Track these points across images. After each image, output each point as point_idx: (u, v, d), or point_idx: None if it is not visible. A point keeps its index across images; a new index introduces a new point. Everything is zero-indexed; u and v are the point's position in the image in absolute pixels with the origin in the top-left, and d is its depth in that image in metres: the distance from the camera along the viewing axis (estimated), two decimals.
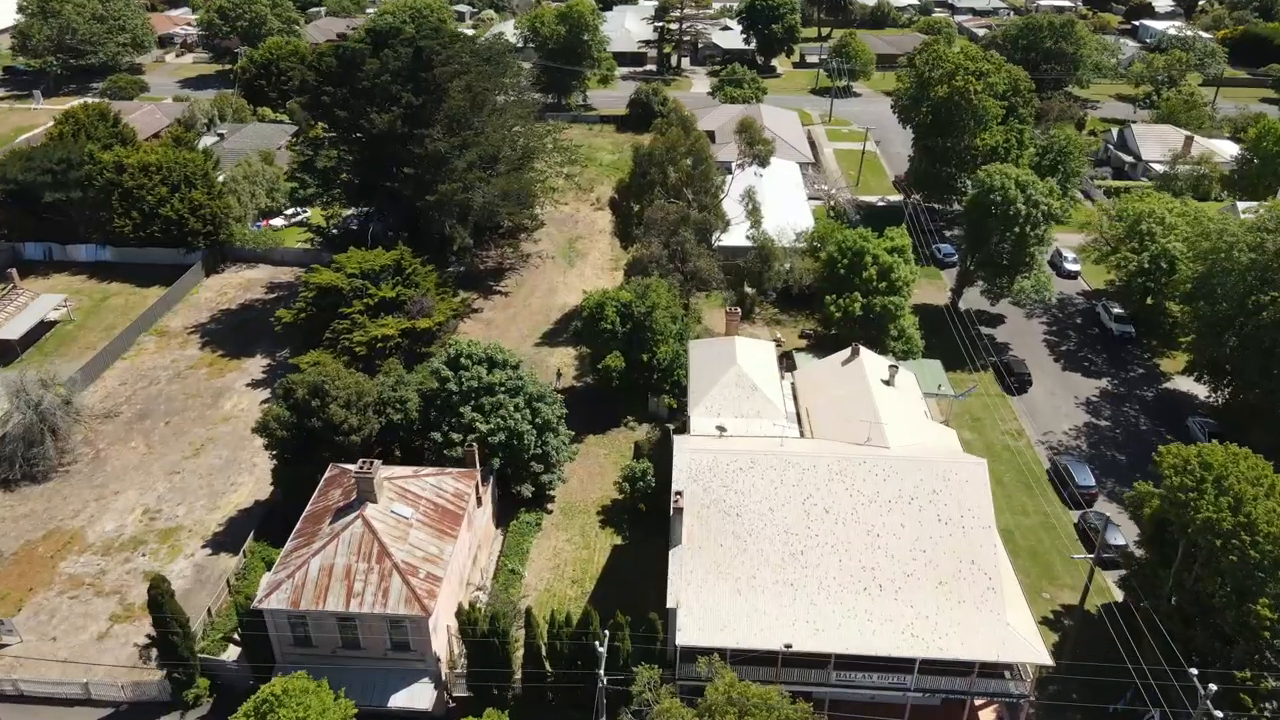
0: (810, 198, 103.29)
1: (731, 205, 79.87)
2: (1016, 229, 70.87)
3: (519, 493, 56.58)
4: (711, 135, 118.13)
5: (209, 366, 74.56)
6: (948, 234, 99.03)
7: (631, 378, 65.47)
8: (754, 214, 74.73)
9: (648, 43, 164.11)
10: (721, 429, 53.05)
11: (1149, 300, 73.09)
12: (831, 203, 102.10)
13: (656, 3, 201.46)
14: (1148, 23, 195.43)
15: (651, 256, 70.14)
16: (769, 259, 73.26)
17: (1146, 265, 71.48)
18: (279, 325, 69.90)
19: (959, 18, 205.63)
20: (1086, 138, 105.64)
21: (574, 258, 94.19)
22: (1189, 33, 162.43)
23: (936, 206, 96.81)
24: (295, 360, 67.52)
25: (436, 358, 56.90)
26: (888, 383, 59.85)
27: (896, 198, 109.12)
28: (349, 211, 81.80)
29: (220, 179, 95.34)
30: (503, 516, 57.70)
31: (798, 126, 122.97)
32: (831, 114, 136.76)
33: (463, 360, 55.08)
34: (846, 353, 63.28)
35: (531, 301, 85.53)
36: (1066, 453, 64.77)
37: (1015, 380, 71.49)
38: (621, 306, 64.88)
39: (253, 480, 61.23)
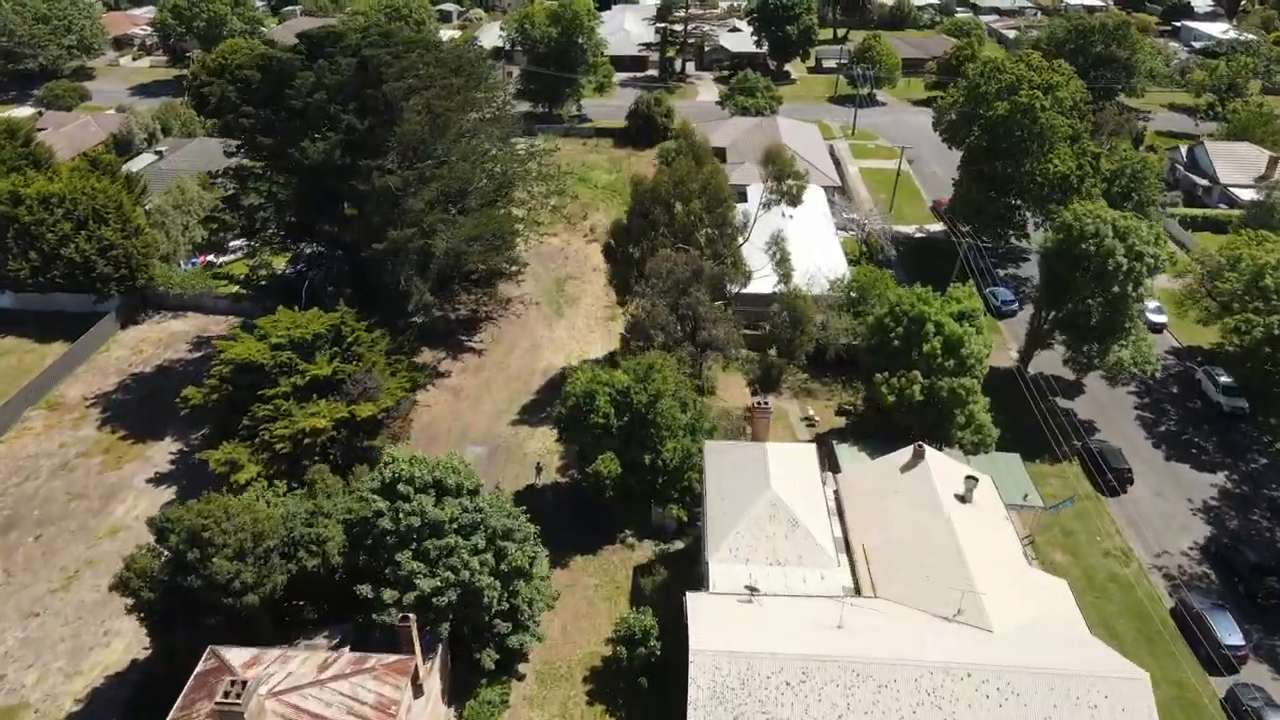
0: (838, 227, 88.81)
1: (751, 248, 65.51)
2: (1116, 288, 56.28)
3: (479, 661, 42.06)
4: (721, 153, 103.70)
5: (105, 454, 59.95)
6: (1002, 271, 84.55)
7: (630, 483, 50.95)
8: (783, 264, 60.10)
9: (649, 45, 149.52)
10: (753, 589, 38.61)
11: (1277, 371, 58.54)
12: (863, 235, 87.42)
13: (658, 1, 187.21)
14: (1190, 24, 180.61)
15: (655, 321, 55.58)
16: (801, 324, 58.65)
17: (1277, 332, 56.90)
18: (185, 408, 55.24)
19: (984, 18, 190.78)
20: (1150, 156, 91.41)
21: (562, 303, 79.60)
22: (1248, 36, 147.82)
23: (986, 241, 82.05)
24: (204, 456, 53.09)
25: (362, 483, 42.21)
26: (963, 499, 45.53)
27: (936, 227, 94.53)
28: (282, 261, 67.22)
29: (148, 207, 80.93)
30: (458, 690, 43.19)
31: (819, 142, 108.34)
32: (855, 126, 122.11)
33: (401, 487, 40.48)
34: (906, 455, 48.94)
35: (510, 362, 70.93)
36: (1194, 587, 50.16)
37: (1113, 476, 56.90)
38: (617, 394, 50.33)
39: (133, 628, 46.61)
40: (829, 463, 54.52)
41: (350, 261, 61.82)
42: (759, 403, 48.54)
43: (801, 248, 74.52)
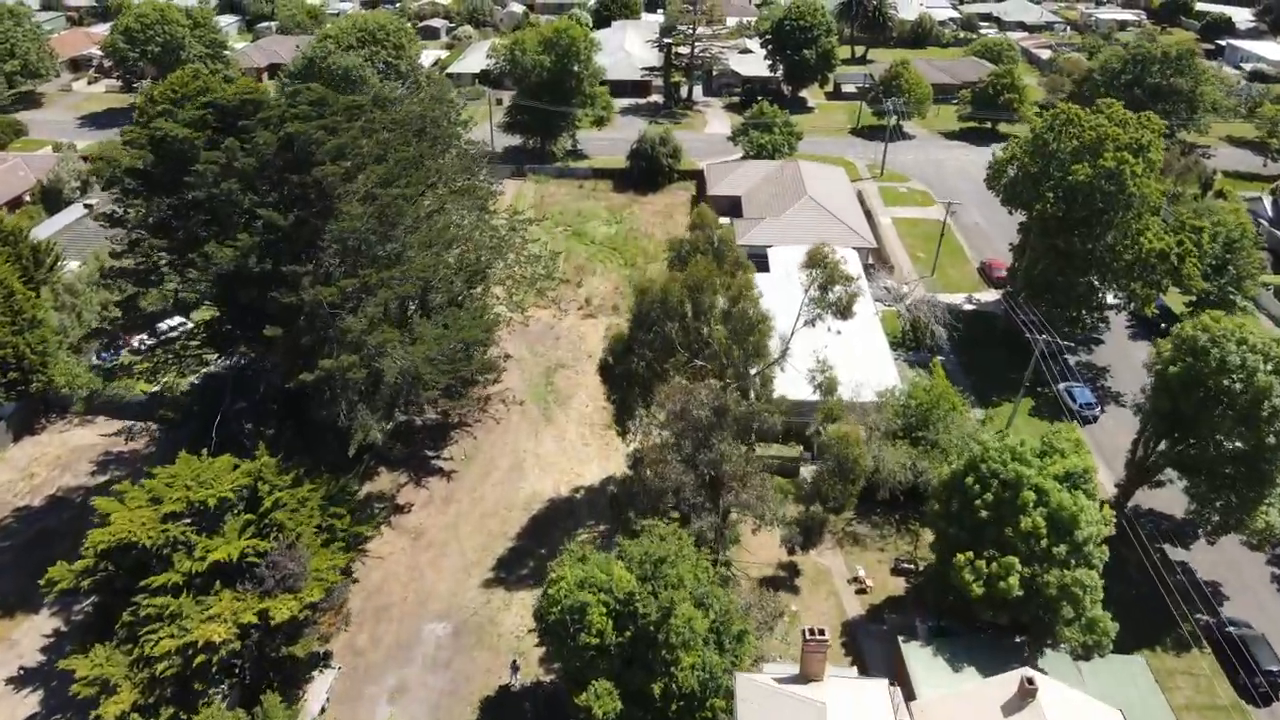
0: (874, 297, 75.71)
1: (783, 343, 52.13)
2: (1270, 437, 43.12)
3: None
4: (735, 203, 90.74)
5: None
6: (1072, 357, 71.40)
7: (635, 717, 37.82)
8: (829, 390, 46.75)
9: (652, 70, 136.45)
10: None
11: None
12: (906, 310, 74.18)
13: (662, 17, 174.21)
14: (1235, 43, 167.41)
15: (668, 482, 42.42)
16: (851, 473, 45.34)
17: None
18: (50, 593, 42.12)
19: (1011, 35, 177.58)
20: (1244, 218, 77.64)
21: (552, 402, 66.47)
22: None
23: (1061, 328, 68.81)
24: (67, 665, 40.12)
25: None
26: None
27: (988, 295, 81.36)
28: (187, 381, 54.02)
29: (61, 279, 68.03)
30: None
31: (847, 189, 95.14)
32: (884, 167, 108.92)
33: None
34: (1009, 687, 36.01)
35: (485, 491, 57.75)
36: None
37: (1264, 682, 43.70)
38: (617, 603, 37.21)
39: None
40: (896, 672, 41.44)
41: (277, 386, 48.61)
42: (811, 631, 35.30)
43: (838, 342, 61.86)
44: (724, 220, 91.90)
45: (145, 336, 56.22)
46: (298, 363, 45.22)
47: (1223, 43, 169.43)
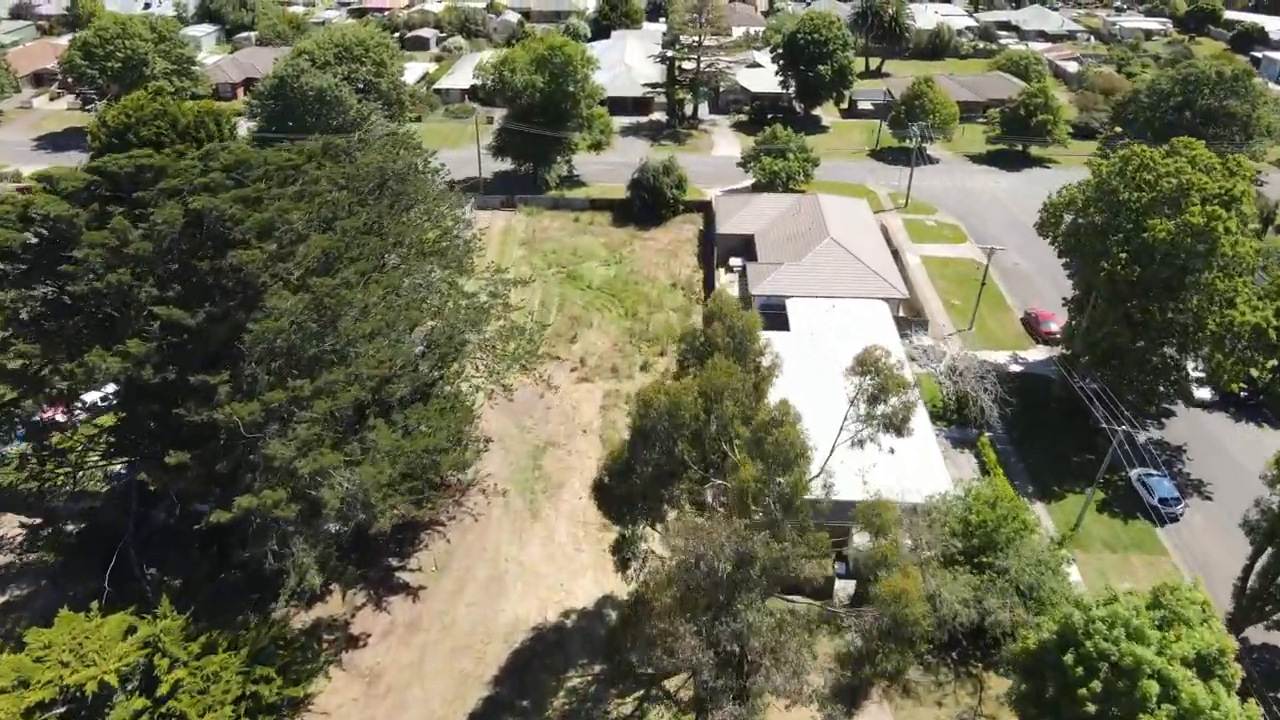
0: (908, 355, 66.37)
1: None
2: None
3: None
4: (748, 243, 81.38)
5: None
6: (1140, 431, 61.94)
7: None
8: (879, 530, 37.20)
9: (654, 86, 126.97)
10: None
11: None
12: (946, 376, 64.65)
13: (665, 27, 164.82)
14: (1272, 55, 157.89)
15: (677, 658, 33.01)
16: (910, 636, 35.91)
17: None
18: None
19: (1035, 46, 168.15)
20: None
21: (539, 493, 57.04)
22: None
23: (1131, 401, 59.35)
24: None
25: None
26: None
27: (1037, 354, 71.92)
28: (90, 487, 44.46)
29: None
30: None
31: (872, 226, 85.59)
32: (909, 197, 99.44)
33: None
34: None
35: (457, 613, 48.27)
36: None
37: None
38: None
39: None
40: None
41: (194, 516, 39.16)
42: None
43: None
44: (735, 262, 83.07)
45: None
46: (212, 492, 35.76)
47: (1258, 54, 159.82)
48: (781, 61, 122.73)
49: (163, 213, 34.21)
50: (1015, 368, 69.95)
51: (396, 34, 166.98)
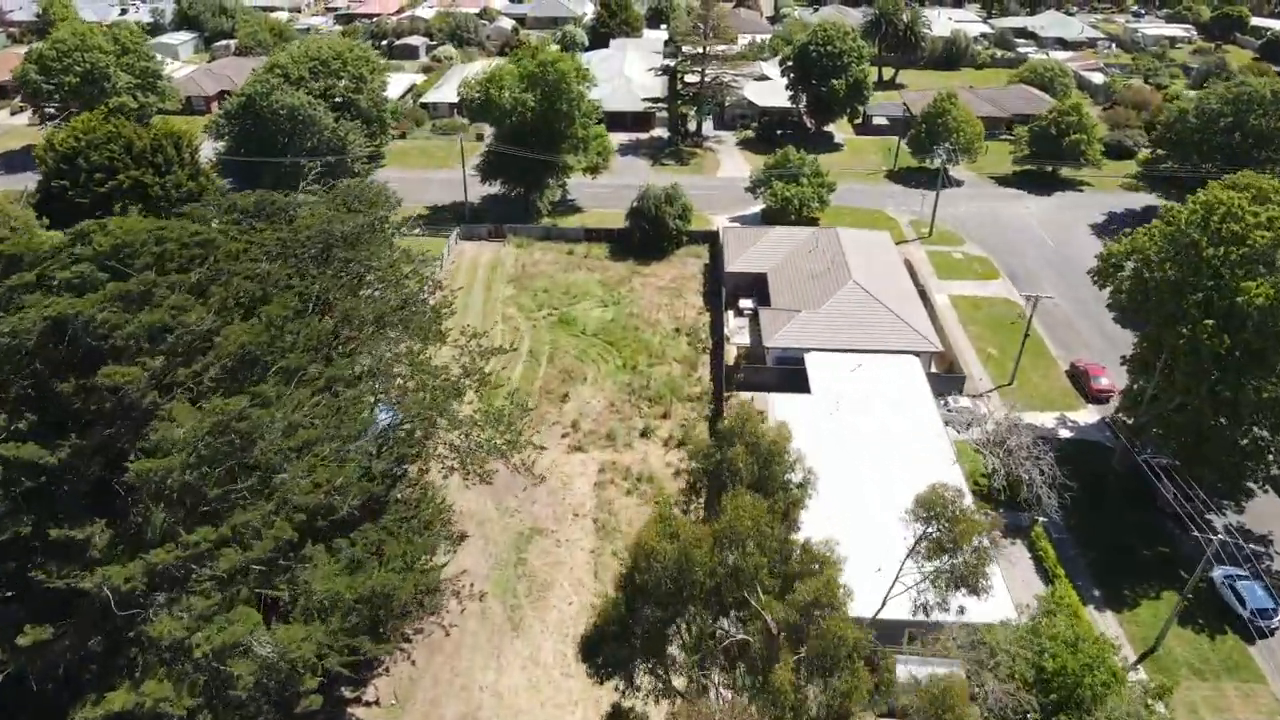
0: (944, 420, 58.22)
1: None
2: None
3: None
4: (760, 283, 73.31)
5: None
6: (1216, 517, 53.69)
7: None
8: (945, 710, 29.06)
9: (656, 101, 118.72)
10: None
11: None
12: (994, 453, 56.19)
13: (666, 34, 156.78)
14: None
15: None
16: None
17: None
18: None
19: (1056, 55, 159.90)
20: None
21: (522, 596, 48.83)
22: None
23: (1209, 482, 51.14)
24: None
25: None
26: None
27: (1087, 416, 63.67)
28: None
29: None
30: None
31: (896, 263, 77.23)
32: (933, 226, 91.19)
33: None
34: None
35: None
36: None
37: None
38: None
39: None
40: None
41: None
42: None
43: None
44: (745, 304, 74.82)
45: None
46: (86, 670, 27.56)
47: None
48: (792, 75, 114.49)
49: (9, 321, 26.10)
50: (1065, 432, 61.72)
51: (385, 41, 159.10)
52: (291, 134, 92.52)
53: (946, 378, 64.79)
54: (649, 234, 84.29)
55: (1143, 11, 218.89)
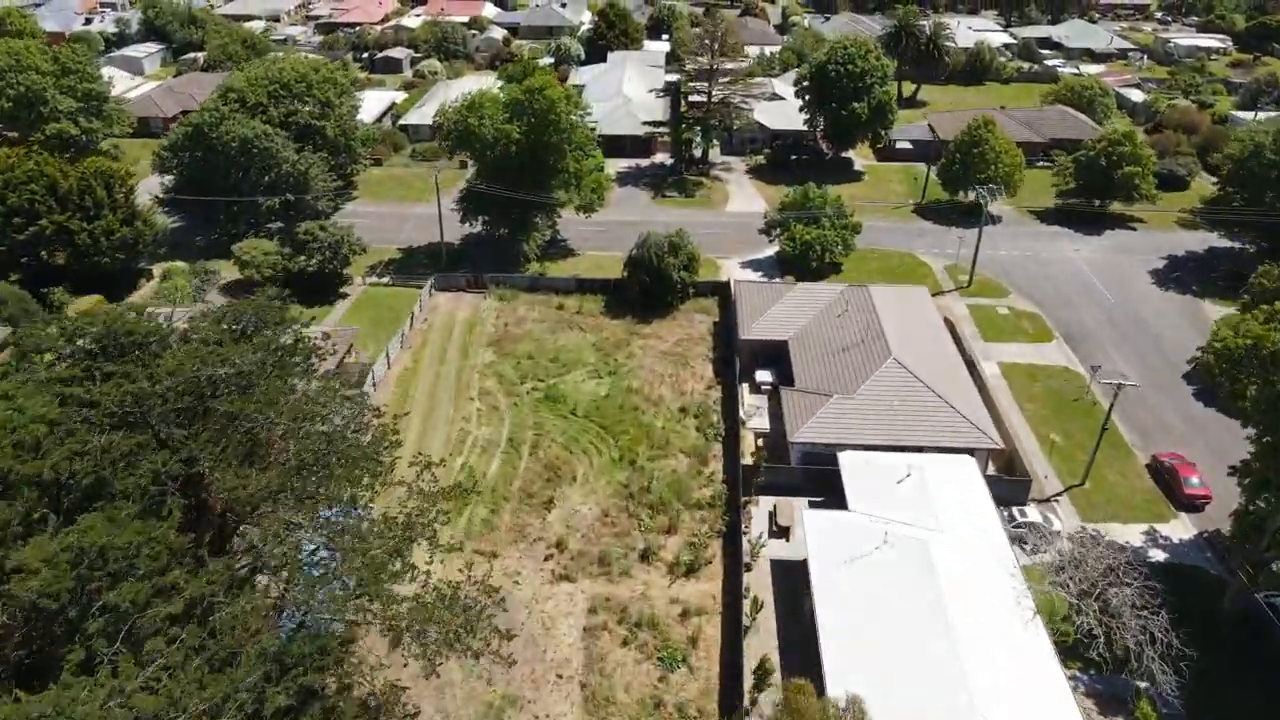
0: (1011, 537, 47.30)
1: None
2: None
3: None
4: (780, 354, 62.58)
5: None
6: None
7: None
8: None
9: (658, 125, 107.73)
10: None
11: None
12: (1073, 593, 45.16)
13: (668, 46, 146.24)
14: None
15: None
16: None
17: None
18: None
19: (1086, 69, 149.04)
20: None
21: None
22: None
23: None
24: None
25: None
26: None
27: (1181, 531, 52.73)
28: None
29: None
30: None
31: (940, 331, 66.06)
32: (973, 274, 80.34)
33: None
34: None
35: None
36: None
37: None
38: None
39: None
40: None
41: None
42: None
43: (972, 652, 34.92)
44: (762, 378, 64.00)
45: None
46: None
47: None
48: (808, 96, 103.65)
49: None
50: (1157, 554, 50.83)
51: (366, 54, 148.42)
52: (246, 167, 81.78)
53: (1009, 481, 53.88)
54: (649, 287, 73.42)
55: (1169, 19, 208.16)
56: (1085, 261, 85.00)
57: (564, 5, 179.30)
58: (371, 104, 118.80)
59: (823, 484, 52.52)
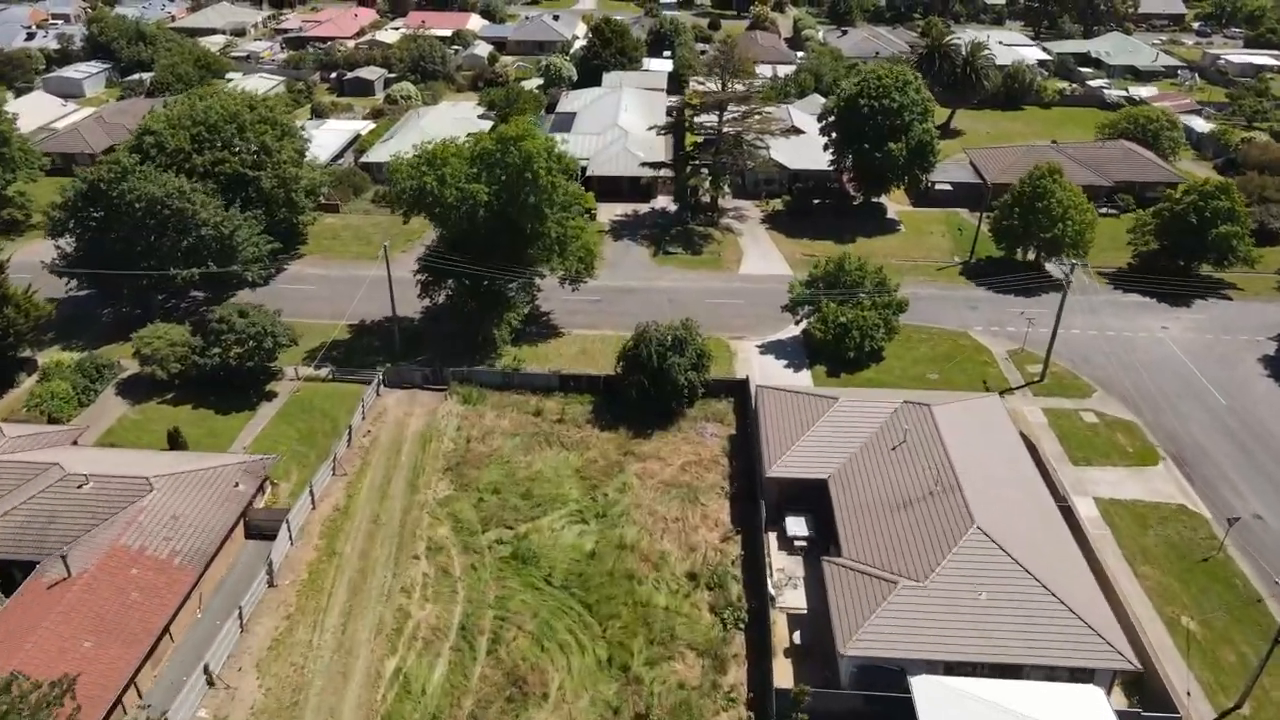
0: None
1: None
2: None
3: None
4: (820, 501, 47.74)
5: None
6: None
7: None
8: None
9: (659, 166, 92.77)
10: None
11: None
12: None
13: (669, 67, 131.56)
14: None
15: None
16: None
17: None
18: None
19: (1136, 91, 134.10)
20: None
21: None
22: None
23: None
24: None
25: None
26: None
27: None
28: None
29: None
30: None
31: (1024, 466, 50.98)
32: (1047, 368, 65.39)
33: None
34: None
35: None
36: None
37: None
38: None
39: None
40: None
41: None
42: None
43: None
44: (794, 528, 48.97)
45: None
46: None
47: None
48: (835, 133, 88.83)
49: None
50: None
51: (334, 74, 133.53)
52: (158, 230, 67.02)
53: (1138, 710, 38.93)
54: (648, 391, 58.53)
55: (1208, 30, 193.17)
56: (1177, 343, 70.11)
57: (556, 18, 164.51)
58: (331, 137, 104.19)
59: (890, 718, 37.80)
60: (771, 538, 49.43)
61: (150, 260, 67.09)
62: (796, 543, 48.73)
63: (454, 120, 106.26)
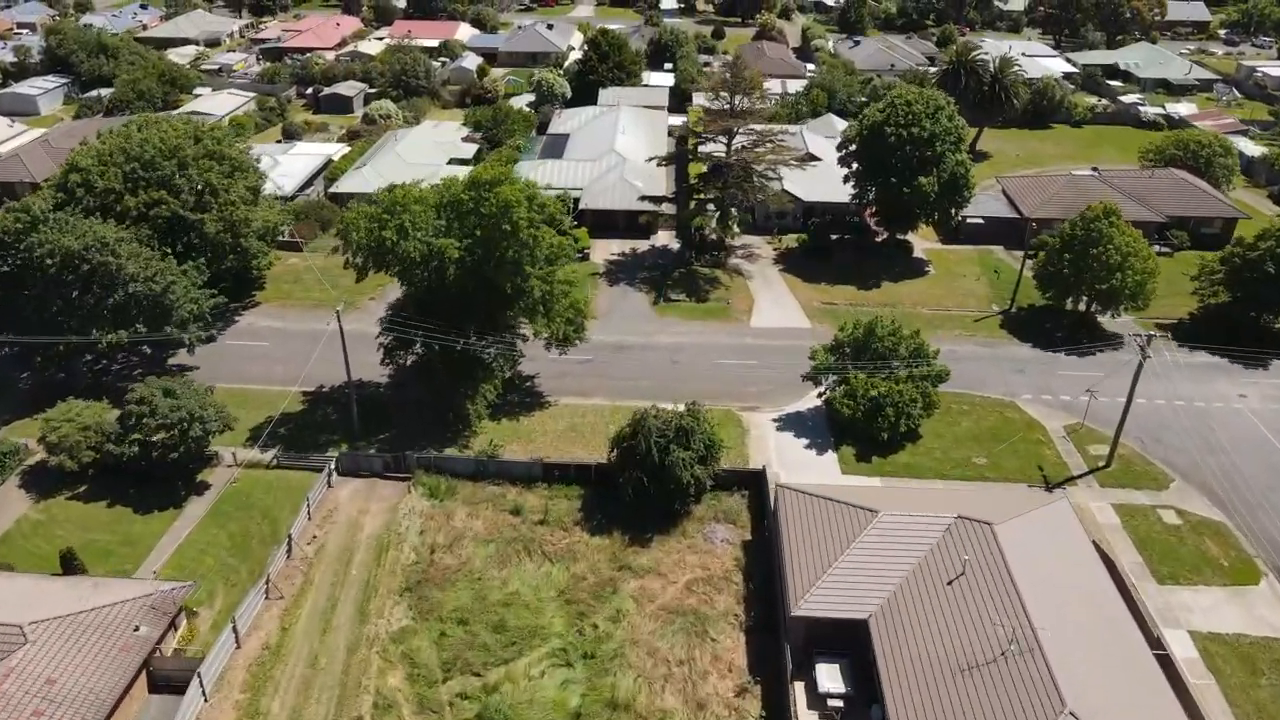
0: None
1: None
2: None
3: None
4: (858, 645, 38.06)
5: None
6: None
7: None
8: None
9: (660, 200, 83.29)
10: None
11: None
12: None
13: (670, 81, 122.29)
14: None
15: None
16: None
17: None
18: None
19: (1174, 109, 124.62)
20: None
21: None
22: None
23: None
24: None
25: None
26: None
27: None
28: None
29: None
30: None
31: (1107, 601, 41.50)
32: (1114, 452, 55.84)
33: None
34: None
35: None
36: None
37: None
38: None
39: None
40: None
41: None
42: None
43: None
44: (826, 681, 39.31)
45: None
46: None
47: None
48: (856, 164, 79.40)
49: None
50: None
51: (310, 89, 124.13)
52: (80, 287, 57.68)
53: None
54: (648, 488, 49.07)
55: (1235, 37, 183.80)
56: (1259, 416, 60.62)
57: (550, 27, 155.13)
58: (300, 163, 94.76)
59: None
60: (798, 690, 40.04)
61: (71, 320, 57.75)
62: (831, 702, 39.25)
63: (435, 144, 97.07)
